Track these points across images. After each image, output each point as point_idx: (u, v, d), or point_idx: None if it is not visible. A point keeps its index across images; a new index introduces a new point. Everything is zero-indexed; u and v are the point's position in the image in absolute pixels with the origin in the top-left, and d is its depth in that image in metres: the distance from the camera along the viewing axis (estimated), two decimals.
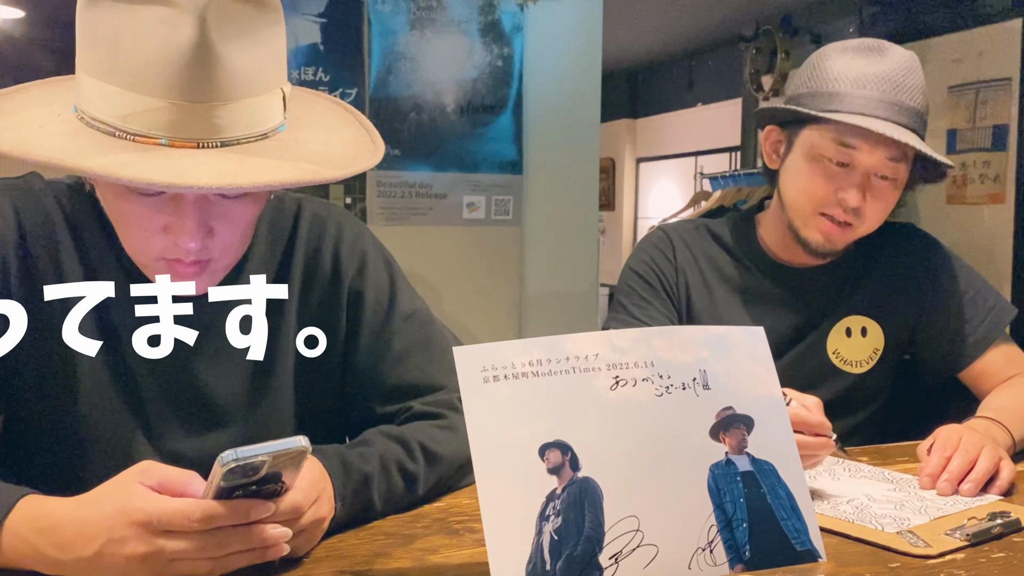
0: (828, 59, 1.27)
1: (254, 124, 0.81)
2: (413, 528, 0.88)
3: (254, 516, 0.70)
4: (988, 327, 1.34)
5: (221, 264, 0.90)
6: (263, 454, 0.67)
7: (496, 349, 0.76)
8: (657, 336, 0.83)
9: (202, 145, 0.78)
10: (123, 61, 0.77)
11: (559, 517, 0.72)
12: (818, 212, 1.27)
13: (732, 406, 0.82)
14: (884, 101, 1.21)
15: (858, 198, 1.24)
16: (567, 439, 0.75)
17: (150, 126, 0.77)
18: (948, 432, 1.09)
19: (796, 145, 1.29)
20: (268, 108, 0.82)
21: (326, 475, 0.83)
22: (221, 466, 0.66)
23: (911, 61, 1.26)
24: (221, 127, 0.78)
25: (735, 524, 0.78)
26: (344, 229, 1.05)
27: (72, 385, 0.94)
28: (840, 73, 1.24)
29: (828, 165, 1.25)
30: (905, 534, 0.87)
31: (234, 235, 0.88)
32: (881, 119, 1.20)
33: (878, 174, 1.24)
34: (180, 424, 0.97)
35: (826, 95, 1.24)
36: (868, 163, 1.23)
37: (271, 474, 0.70)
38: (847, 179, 1.24)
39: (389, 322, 1.03)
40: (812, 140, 1.26)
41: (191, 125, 0.77)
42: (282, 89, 0.85)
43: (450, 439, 0.96)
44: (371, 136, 0.93)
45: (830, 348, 1.35)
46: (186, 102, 0.77)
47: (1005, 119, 3.28)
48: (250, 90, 0.80)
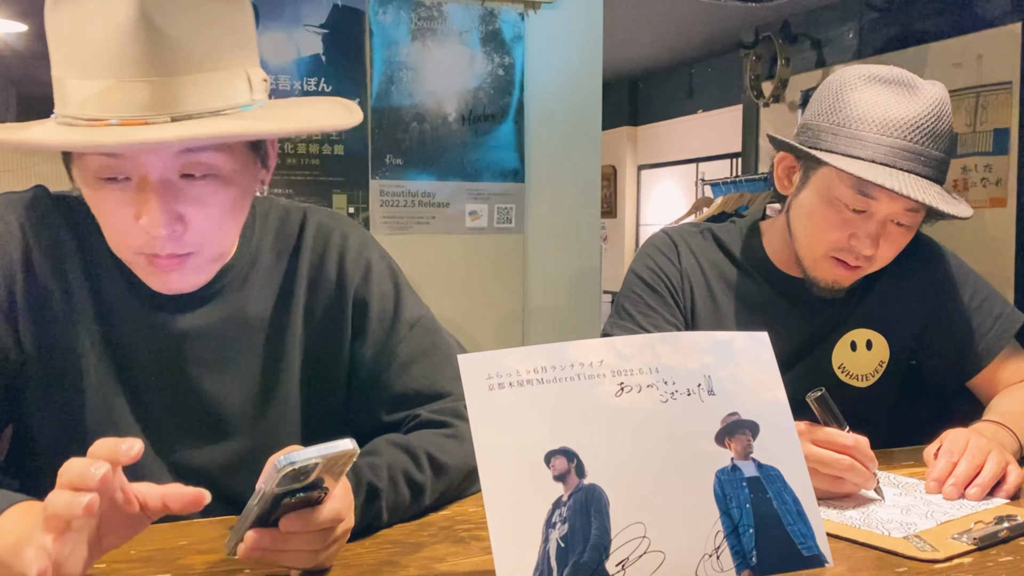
0: (853, 91, 1.19)
1: (207, 101, 0.81)
2: (420, 536, 0.89)
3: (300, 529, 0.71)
4: (996, 335, 1.32)
5: (205, 257, 0.89)
6: (316, 457, 0.66)
7: (501, 357, 0.76)
8: (661, 342, 0.83)
9: (152, 122, 0.78)
10: (76, 52, 0.79)
11: (565, 524, 0.72)
12: (829, 256, 1.23)
13: (737, 411, 0.82)
14: (910, 151, 1.15)
15: (873, 247, 1.19)
16: (572, 446, 0.75)
17: (101, 108, 0.78)
18: (955, 436, 1.09)
19: (812, 181, 1.23)
20: (224, 86, 0.82)
21: (349, 483, 0.82)
22: (277, 471, 0.65)
23: (942, 105, 1.19)
24: (168, 103, 0.79)
25: (741, 530, 0.78)
26: (349, 238, 1.05)
27: (78, 398, 0.94)
28: (865, 113, 1.16)
29: (844, 211, 1.19)
30: (912, 539, 0.87)
31: (208, 221, 0.87)
32: (905, 171, 1.14)
33: (895, 221, 1.20)
34: (187, 435, 0.97)
35: (848, 137, 1.17)
36: (886, 212, 1.18)
37: (316, 480, 0.69)
38: (863, 227, 1.19)
39: (394, 330, 1.03)
40: (829, 181, 1.20)
41: (139, 102, 0.78)
42: (247, 71, 0.84)
43: (456, 448, 0.96)
44: (348, 108, 0.93)
45: (835, 363, 1.33)
46: (131, 80, 0.78)
47: (1006, 123, 3.28)
48: (199, 66, 0.80)
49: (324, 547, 0.74)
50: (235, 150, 0.87)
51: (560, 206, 2.83)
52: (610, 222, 7.22)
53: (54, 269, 0.94)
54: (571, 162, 2.83)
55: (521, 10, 2.70)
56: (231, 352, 0.98)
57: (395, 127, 2.62)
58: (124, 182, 0.83)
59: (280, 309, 1.00)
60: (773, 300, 1.34)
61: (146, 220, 0.82)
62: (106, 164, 0.83)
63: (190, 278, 0.89)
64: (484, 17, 2.67)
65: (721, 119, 5.96)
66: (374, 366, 1.02)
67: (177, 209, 0.84)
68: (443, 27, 2.64)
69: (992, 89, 3.32)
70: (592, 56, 2.82)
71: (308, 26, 2.51)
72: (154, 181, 0.83)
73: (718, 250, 1.38)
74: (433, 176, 2.68)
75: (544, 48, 2.74)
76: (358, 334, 1.03)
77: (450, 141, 2.68)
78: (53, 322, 0.93)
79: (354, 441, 0.68)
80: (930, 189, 1.15)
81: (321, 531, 0.72)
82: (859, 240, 1.20)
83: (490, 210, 2.75)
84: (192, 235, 0.86)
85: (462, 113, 2.68)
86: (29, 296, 0.92)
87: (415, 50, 2.62)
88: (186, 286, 0.90)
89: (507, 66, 2.70)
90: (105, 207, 0.86)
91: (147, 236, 0.84)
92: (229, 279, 0.98)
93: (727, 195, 3.86)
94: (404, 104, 2.62)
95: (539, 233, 2.81)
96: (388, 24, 2.59)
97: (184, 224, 0.85)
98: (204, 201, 0.85)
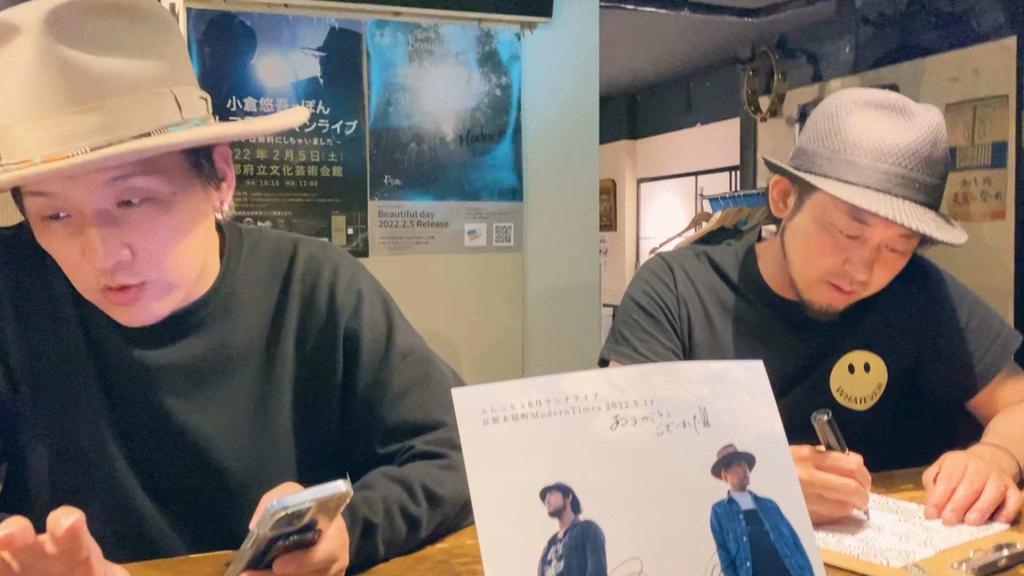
0: (849, 116, 1.19)
1: (127, 125, 0.80)
2: (416, 571, 0.88)
3: (294, 571, 0.70)
4: (994, 356, 1.31)
5: (162, 285, 0.88)
6: (309, 501, 0.66)
7: (495, 390, 0.76)
8: (656, 374, 0.83)
9: (74, 154, 0.78)
10: (2, 100, 0.80)
11: (561, 561, 0.72)
12: (823, 280, 1.24)
13: (733, 443, 0.82)
14: (905, 177, 1.15)
15: (867, 273, 1.20)
16: (568, 481, 0.75)
17: (27, 149, 0.79)
18: (953, 461, 1.08)
19: (806, 205, 1.24)
20: (145, 107, 0.81)
21: (343, 522, 0.82)
22: (270, 515, 0.65)
23: (937, 131, 1.18)
24: (88, 132, 0.78)
25: (739, 563, 0.78)
26: (340, 269, 1.04)
27: (70, 433, 0.94)
28: (859, 139, 1.16)
29: (838, 236, 1.19)
30: (911, 568, 0.87)
31: (155, 247, 0.85)
32: (899, 197, 1.14)
33: (889, 247, 1.20)
34: (175, 469, 0.96)
35: (842, 163, 1.17)
36: (880, 238, 1.19)
37: (310, 522, 0.69)
38: (857, 252, 1.19)
39: (387, 361, 1.03)
40: (824, 206, 1.20)
41: (58, 137, 0.78)
42: (171, 91, 0.83)
43: (452, 479, 0.95)
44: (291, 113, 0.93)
45: (834, 386, 1.32)
46: (48, 116, 0.78)
47: (1003, 136, 3.28)
48: (116, 91, 0.79)
49: None
50: (171, 172, 0.85)
51: (559, 225, 2.84)
52: (610, 235, 7.23)
53: (45, 307, 0.94)
54: (569, 180, 2.83)
55: (517, 30, 2.71)
56: (216, 385, 0.97)
57: (393, 148, 2.62)
58: (66, 219, 0.83)
59: (270, 341, 1.00)
60: (770, 323, 1.34)
61: (89, 253, 0.82)
62: (43, 204, 0.83)
63: (152, 308, 0.88)
64: (480, 38, 2.68)
65: (719, 132, 5.98)
66: (367, 397, 1.02)
67: (121, 239, 0.83)
68: (440, 48, 2.65)
69: (989, 103, 3.33)
70: (589, 75, 2.83)
71: (306, 49, 2.52)
72: (91, 214, 0.82)
73: (714, 274, 1.38)
74: (431, 196, 2.68)
75: (541, 67, 2.75)
76: (350, 365, 1.02)
77: (448, 161, 2.68)
78: (46, 360, 0.93)
79: (348, 482, 0.68)
80: (924, 216, 1.15)
81: (315, 572, 0.72)
82: (853, 265, 1.20)
83: (489, 229, 2.76)
84: (141, 263, 0.85)
85: (460, 133, 2.68)
86: (22, 335, 0.92)
87: (412, 71, 2.63)
88: (149, 317, 0.89)
89: (504, 86, 2.71)
90: (54, 246, 0.86)
91: (95, 270, 0.83)
92: (209, 310, 0.97)
93: (726, 210, 3.86)
94: (402, 125, 2.63)
95: (538, 251, 2.82)
96: (385, 46, 2.60)
97: (131, 252, 0.84)
98: (146, 227, 0.84)
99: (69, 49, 0.77)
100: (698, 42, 5.17)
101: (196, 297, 0.96)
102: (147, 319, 0.89)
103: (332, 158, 2.58)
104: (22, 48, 0.77)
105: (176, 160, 0.86)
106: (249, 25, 2.46)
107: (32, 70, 0.77)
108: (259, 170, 2.54)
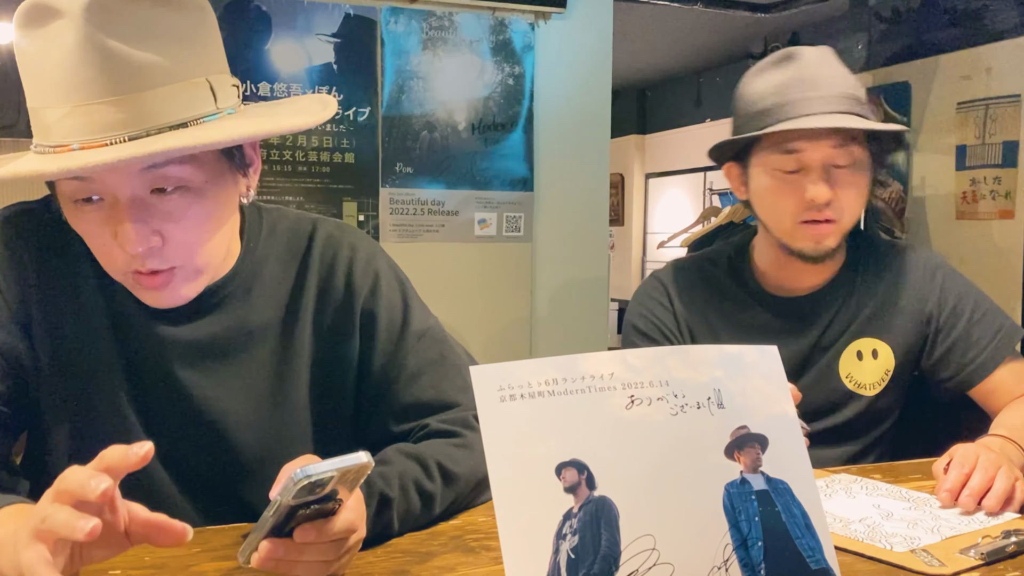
0: (747, 84, 1.34)
1: (166, 115, 0.81)
2: (430, 546, 0.89)
3: (314, 539, 0.71)
4: (997, 346, 1.34)
5: (190, 270, 0.89)
6: (332, 470, 0.67)
7: (512, 368, 0.77)
8: (671, 356, 0.84)
9: (113, 142, 0.79)
10: (39, 81, 0.81)
11: (576, 536, 0.73)
12: (798, 222, 1.30)
13: (746, 425, 0.83)
14: (804, 99, 1.26)
15: (825, 193, 1.27)
16: (583, 458, 0.76)
17: (64, 134, 0.79)
18: (965, 451, 1.09)
19: (752, 170, 1.35)
20: (183, 98, 0.82)
21: (362, 494, 0.83)
22: (293, 483, 0.65)
23: (822, 54, 1.31)
24: (126, 121, 0.79)
25: (750, 543, 0.79)
26: (357, 250, 1.05)
27: (91, 406, 0.95)
28: (759, 91, 1.31)
29: (784, 176, 1.29)
30: (919, 552, 0.88)
31: (187, 235, 0.87)
32: (805, 115, 1.25)
33: (833, 164, 1.27)
34: (194, 444, 0.98)
35: (754, 115, 1.30)
36: (818, 158, 1.27)
37: (331, 491, 0.70)
38: (807, 180, 1.28)
39: (403, 341, 1.04)
40: (761, 160, 1.32)
41: (96, 124, 0.79)
42: (208, 80, 0.84)
43: (466, 457, 0.96)
44: (324, 104, 0.93)
45: (843, 372, 1.36)
46: (87, 103, 0.78)
47: (1015, 135, 3.28)
48: (155, 81, 0.80)
49: (337, 557, 0.74)
50: (204, 161, 0.86)
51: (569, 215, 2.85)
52: (618, 230, 7.23)
53: (69, 280, 0.95)
54: (580, 171, 2.84)
55: (531, 20, 2.72)
56: (235, 362, 0.98)
57: (405, 136, 2.63)
58: (99, 203, 0.84)
59: (288, 319, 1.01)
60: (770, 323, 1.39)
61: (121, 239, 0.83)
62: (78, 187, 0.84)
63: (180, 292, 0.89)
64: (495, 27, 2.68)
65: (729, 128, 5.96)
66: (383, 377, 1.03)
67: (152, 225, 0.84)
68: (454, 37, 2.65)
69: (1000, 102, 3.32)
70: (602, 66, 2.83)
71: (320, 35, 2.53)
72: (125, 200, 0.83)
73: (708, 283, 1.44)
74: (443, 184, 2.69)
75: (554, 58, 2.76)
76: (367, 345, 1.03)
77: (460, 150, 2.69)
78: (68, 333, 0.94)
79: (369, 454, 0.69)
80: (837, 119, 1.24)
81: (334, 541, 0.73)
82: (811, 192, 1.27)
83: (499, 218, 2.76)
84: (172, 249, 0.86)
85: (472, 122, 2.69)
86: (45, 308, 0.93)
87: (426, 59, 2.63)
88: (177, 300, 0.90)
89: (517, 75, 2.72)
90: (85, 229, 0.87)
91: (126, 254, 0.85)
92: (231, 289, 0.98)
93: (735, 205, 3.86)
94: (414, 113, 2.63)
95: (548, 241, 2.83)
96: (399, 34, 2.61)
97: (162, 239, 0.85)
98: (179, 215, 0.86)
99: (110, 39, 0.78)
100: (709, 37, 5.17)
101: (219, 277, 0.97)
102: (175, 302, 0.91)
103: (345, 144, 2.59)
104: (63, 33, 0.78)
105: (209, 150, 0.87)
106: (264, 10, 2.47)
107: (74, 58, 0.78)
108: (272, 155, 2.55)
